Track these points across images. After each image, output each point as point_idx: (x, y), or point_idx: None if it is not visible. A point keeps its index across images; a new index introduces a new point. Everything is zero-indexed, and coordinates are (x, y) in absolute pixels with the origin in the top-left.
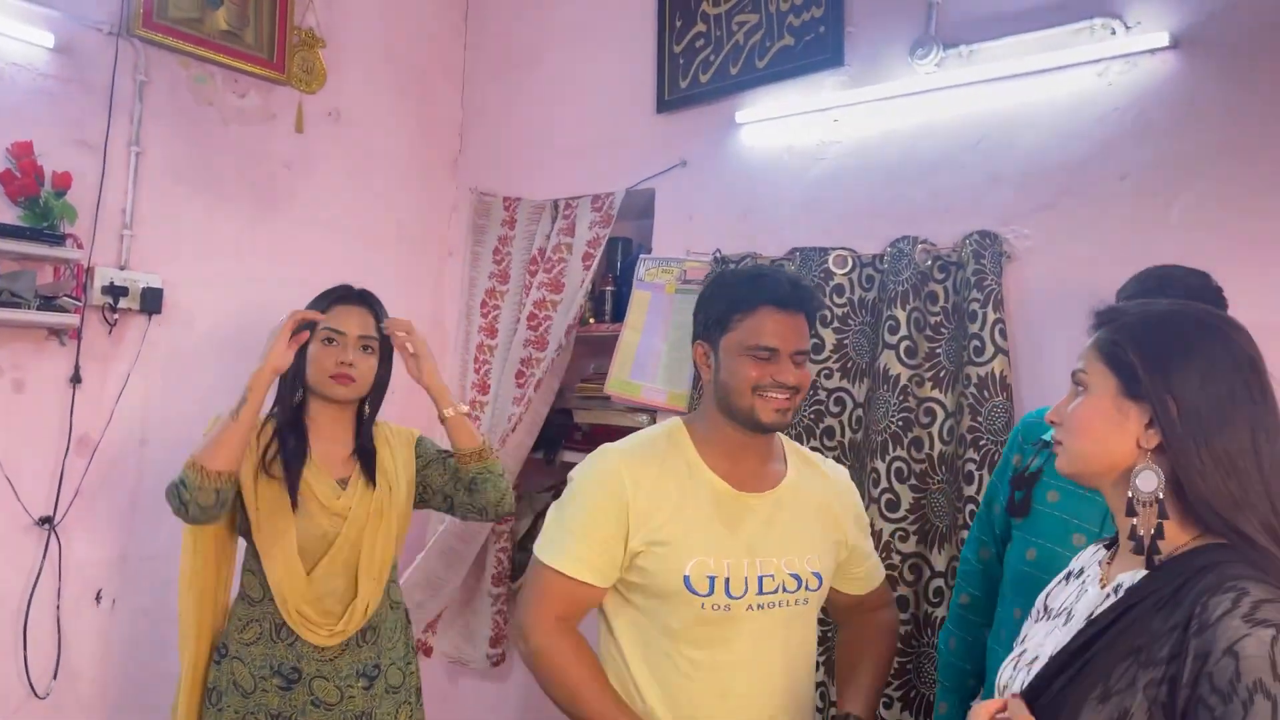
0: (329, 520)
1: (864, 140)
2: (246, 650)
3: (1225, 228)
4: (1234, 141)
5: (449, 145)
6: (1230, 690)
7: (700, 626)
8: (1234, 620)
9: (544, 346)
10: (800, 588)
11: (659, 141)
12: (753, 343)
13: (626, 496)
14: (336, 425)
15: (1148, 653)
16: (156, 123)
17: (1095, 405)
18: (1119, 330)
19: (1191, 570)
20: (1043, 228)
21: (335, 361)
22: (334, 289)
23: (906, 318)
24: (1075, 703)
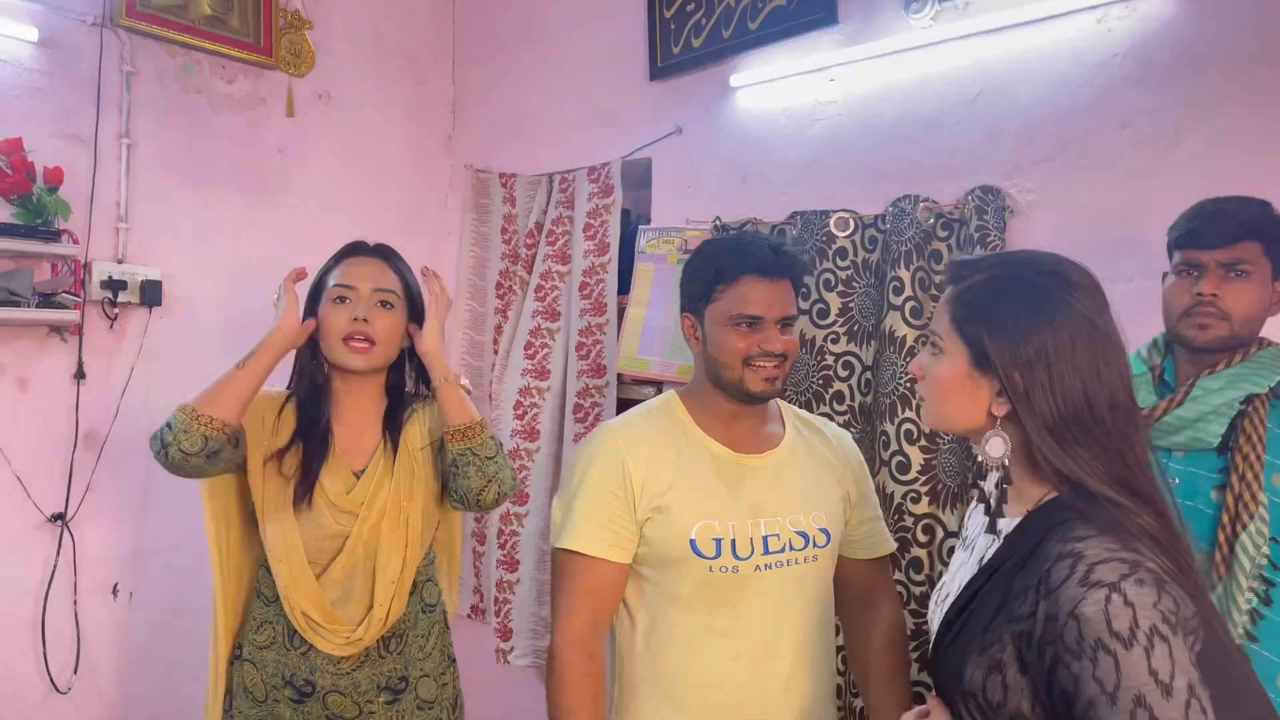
0: (339, 518)
1: (861, 99)
2: (260, 654)
3: (1230, 172)
4: (1236, 84)
5: (442, 123)
6: (1078, 649)
7: (709, 590)
8: (1072, 586)
9: (555, 318)
10: (808, 545)
11: (653, 109)
12: (736, 312)
13: (626, 468)
14: (361, 405)
15: (1010, 609)
16: (146, 113)
17: (950, 373)
18: (967, 301)
19: (1043, 530)
20: (1045, 180)
21: (348, 320)
22: (345, 246)
23: (911, 278)
24: (961, 653)
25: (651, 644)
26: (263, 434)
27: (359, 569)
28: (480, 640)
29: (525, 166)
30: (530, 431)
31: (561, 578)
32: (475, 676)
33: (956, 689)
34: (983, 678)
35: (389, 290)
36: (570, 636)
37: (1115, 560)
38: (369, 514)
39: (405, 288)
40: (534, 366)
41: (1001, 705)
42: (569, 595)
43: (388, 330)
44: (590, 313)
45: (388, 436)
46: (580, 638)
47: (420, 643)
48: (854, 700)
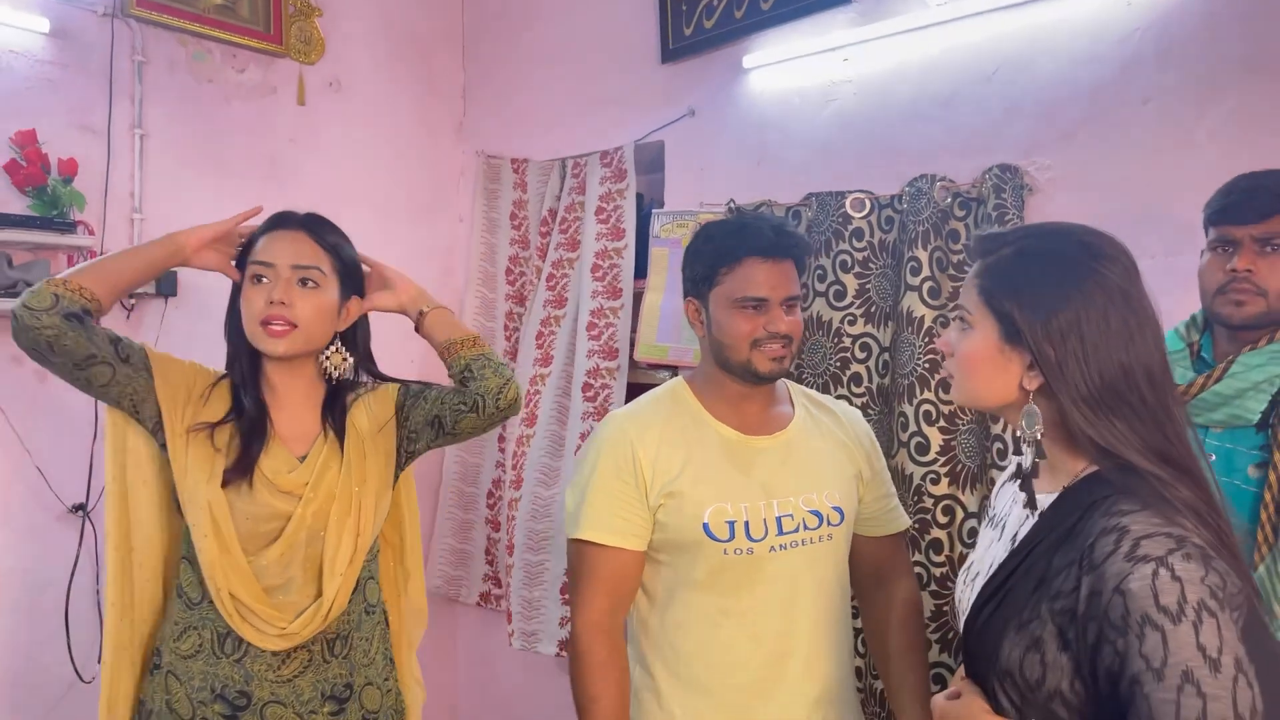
0: (279, 499)
1: (876, 78)
2: (183, 665)
3: (1254, 147)
4: (1259, 57)
5: (452, 109)
6: (1124, 625)
7: (725, 573)
8: (1118, 561)
9: (562, 305)
10: (822, 524)
11: (666, 92)
12: (741, 294)
13: (636, 455)
14: (298, 389)
15: (1050, 585)
16: (158, 103)
17: (980, 347)
18: (996, 274)
19: (1084, 505)
20: (1064, 157)
21: (264, 302)
22: (272, 215)
23: (929, 258)
24: (996, 633)
25: (670, 628)
26: (186, 400)
27: (298, 557)
28: (491, 627)
29: (537, 151)
30: (530, 417)
31: (578, 568)
32: (487, 663)
33: (992, 668)
34: (1020, 656)
35: (311, 267)
36: (590, 623)
37: (1162, 535)
38: (314, 496)
39: (336, 262)
40: (540, 355)
41: (1040, 684)
42: (587, 585)
43: (311, 312)
44: (603, 295)
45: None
46: (600, 624)
47: (364, 646)
48: (874, 682)
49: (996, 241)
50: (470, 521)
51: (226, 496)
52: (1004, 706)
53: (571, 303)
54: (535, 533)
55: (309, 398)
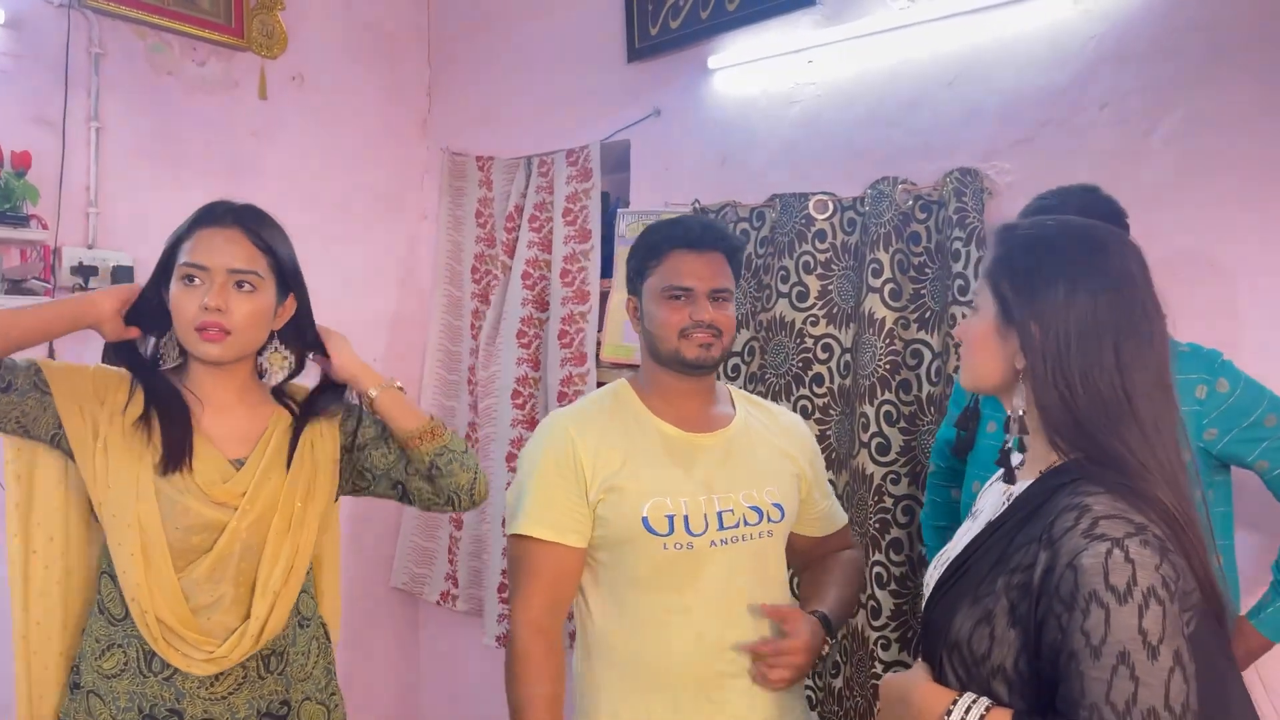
0: (210, 509)
1: (840, 81)
2: (106, 684)
3: (1207, 152)
4: (1213, 66)
5: (417, 105)
6: (1070, 600)
7: (666, 568)
8: (1075, 537)
9: (544, 307)
10: (762, 520)
11: (632, 92)
12: (666, 284)
13: (576, 451)
14: (228, 385)
15: (1009, 560)
16: (115, 96)
17: (981, 327)
18: (1000, 256)
19: (1051, 488)
20: (1023, 161)
21: (198, 308)
22: (201, 208)
23: (890, 260)
24: (952, 606)
25: (612, 629)
26: (99, 406)
27: (230, 573)
28: (452, 626)
29: (503, 149)
30: (530, 421)
31: (517, 565)
32: (448, 660)
33: (943, 641)
34: (971, 628)
35: (248, 272)
36: (528, 622)
37: (1122, 519)
38: (250, 508)
39: (273, 263)
40: (529, 356)
41: (985, 658)
42: (525, 582)
43: (247, 316)
44: (572, 300)
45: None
46: (538, 624)
47: (301, 661)
48: (832, 680)
49: (1009, 231)
50: (436, 519)
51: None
52: (949, 681)
53: (552, 308)
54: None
55: (243, 394)
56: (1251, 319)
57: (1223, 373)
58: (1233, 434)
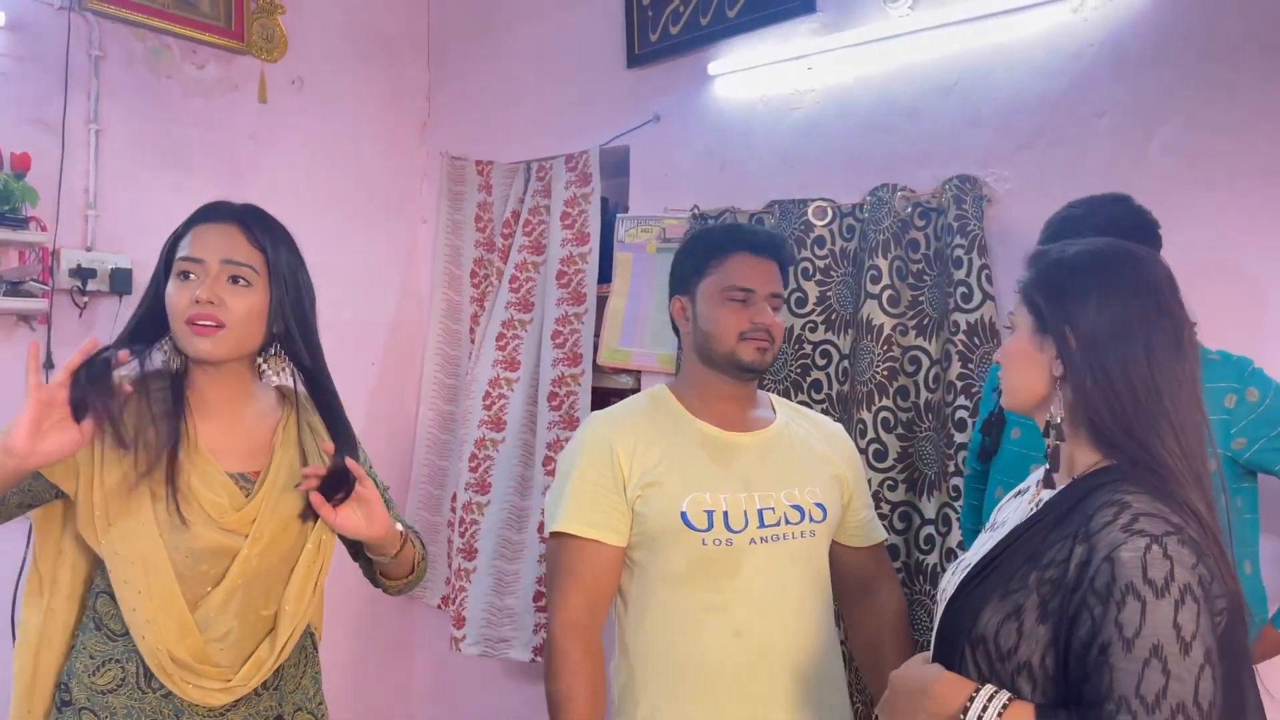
0: (220, 536)
1: (839, 88)
2: (102, 700)
3: (1204, 161)
4: (1211, 74)
5: (417, 110)
6: (1106, 592)
7: (704, 565)
8: (1114, 531)
9: (528, 309)
10: (804, 519)
11: (631, 97)
12: (729, 284)
13: (614, 449)
14: (229, 395)
15: (1042, 556)
16: (115, 98)
17: (1018, 342)
18: (1033, 272)
19: (1089, 488)
20: (1022, 169)
21: (189, 300)
22: (201, 206)
23: (888, 266)
24: (979, 600)
25: (649, 628)
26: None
27: (236, 604)
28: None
29: (502, 154)
30: (497, 422)
31: (556, 563)
32: (444, 665)
33: (966, 634)
34: (999, 622)
35: (242, 265)
36: (566, 621)
37: (1161, 518)
38: (261, 535)
39: (267, 263)
40: (504, 358)
41: (1012, 652)
42: (564, 580)
43: (242, 311)
44: (568, 302)
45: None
46: (577, 622)
47: (293, 674)
48: None
49: (1043, 255)
50: (437, 524)
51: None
52: (970, 675)
53: (538, 309)
54: (512, 542)
55: (244, 405)
56: (1259, 325)
57: (1253, 381)
58: (1261, 443)
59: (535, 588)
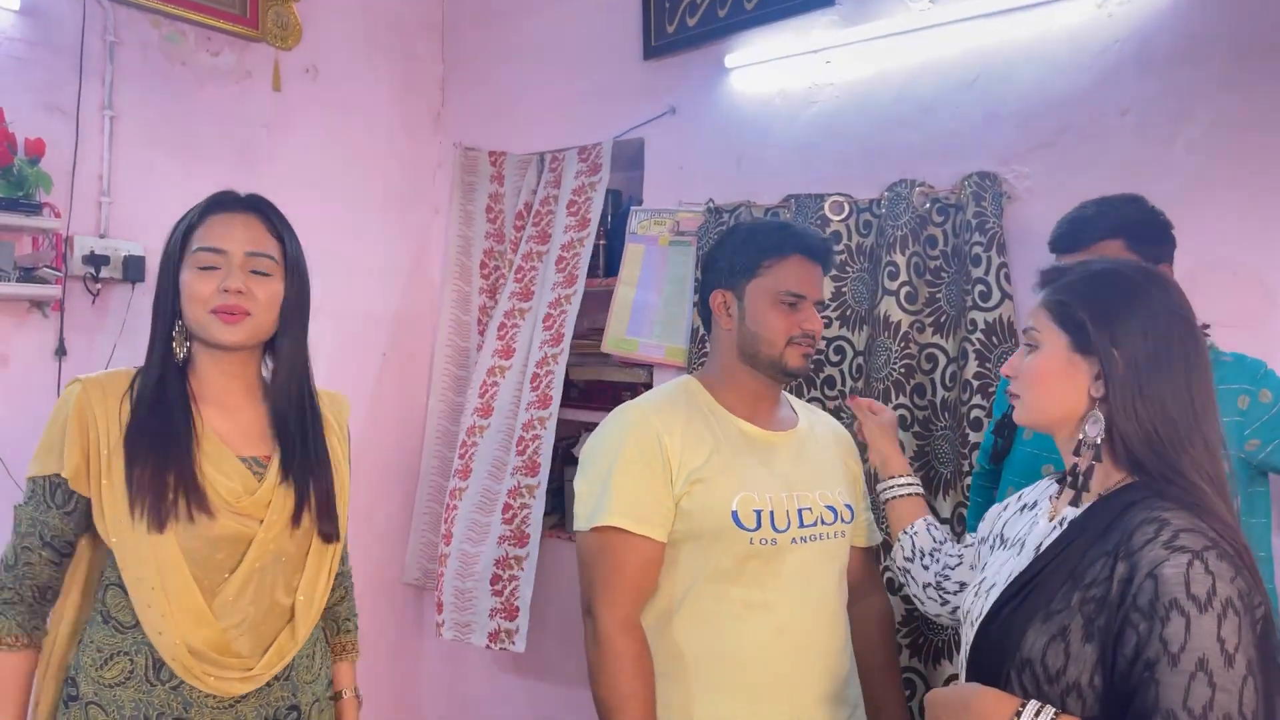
0: (235, 524)
1: (857, 82)
2: (109, 694)
3: (1229, 161)
4: (1236, 72)
5: (431, 100)
6: (1150, 609)
7: (749, 563)
8: (1155, 548)
9: (528, 298)
10: (837, 519)
11: (647, 89)
12: (784, 288)
13: (663, 442)
14: (235, 383)
15: (1082, 576)
16: (129, 85)
17: (1048, 361)
18: (1066, 289)
19: (1122, 505)
20: (1043, 166)
21: (216, 290)
22: (211, 196)
23: (906, 263)
24: (1021, 623)
25: (685, 625)
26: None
27: (255, 591)
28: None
29: (515, 145)
30: (486, 409)
31: (600, 558)
32: (453, 658)
33: (1010, 658)
34: (1045, 644)
35: (265, 256)
36: (618, 620)
37: (1199, 533)
38: (276, 519)
39: (284, 254)
40: (502, 347)
41: (1060, 674)
42: (612, 576)
43: (265, 300)
44: (561, 285)
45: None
46: (629, 620)
47: (307, 664)
48: None
49: (1060, 273)
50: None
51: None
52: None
53: (537, 296)
54: (479, 524)
55: (252, 394)
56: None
57: (1266, 383)
58: (1275, 444)
59: (492, 570)
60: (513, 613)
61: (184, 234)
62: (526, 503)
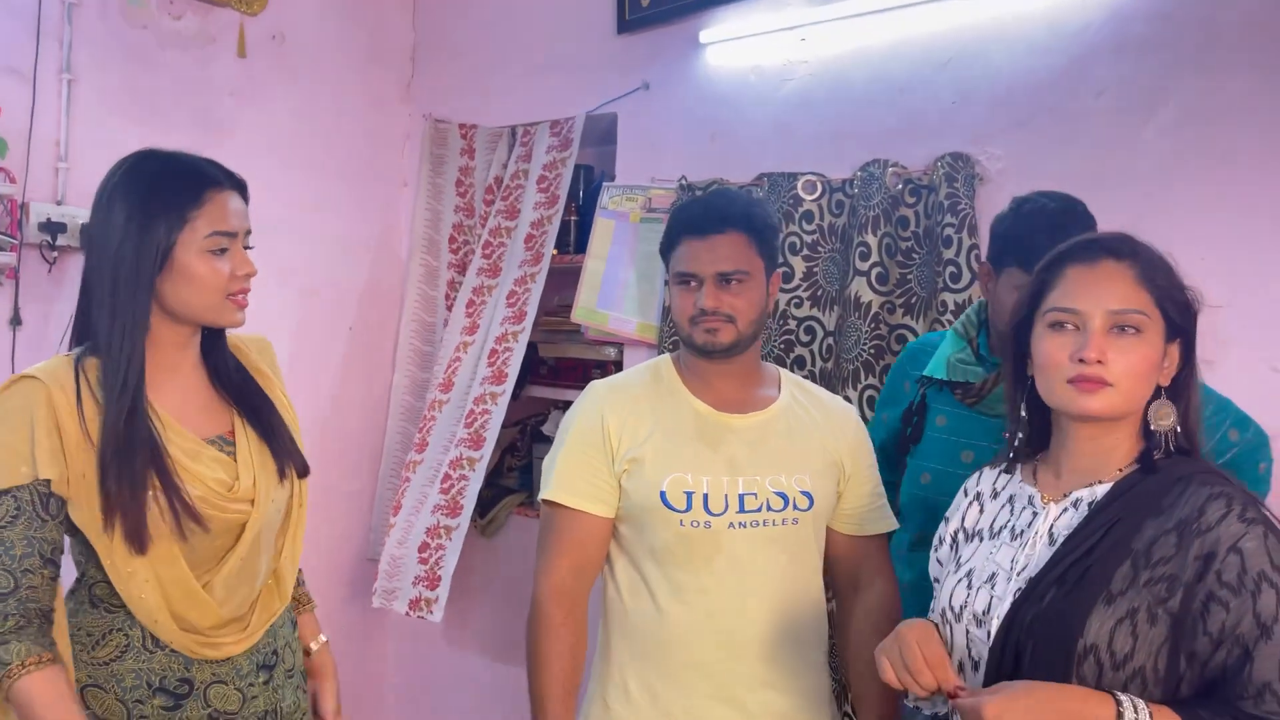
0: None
1: (832, 60)
2: (105, 671)
3: (1202, 144)
4: (1210, 56)
5: (400, 70)
6: (1239, 583)
7: (681, 545)
8: (1232, 523)
9: (496, 274)
10: (787, 506)
11: (620, 64)
12: (676, 270)
13: (605, 421)
14: (187, 353)
15: (1146, 556)
16: (88, 48)
17: (1154, 349)
18: (1158, 270)
19: (1170, 480)
20: (1015, 147)
21: (233, 275)
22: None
23: (878, 243)
24: (1081, 609)
25: (628, 601)
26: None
27: (247, 572)
28: None
29: (487, 118)
30: (448, 384)
31: (544, 530)
32: (417, 639)
33: (1070, 647)
34: (1112, 629)
35: (249, 231)
36: (550, 587)
37: (1260, 505)
38: (264, 496)
39: None
40: (469, 323)
41: (1128, 658)
42: (551, 546)
43: (253, 275)
44: (529, 263)
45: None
46: (561, 589)
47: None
48: None
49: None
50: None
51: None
52: None
53: (505, 273)
54: (425, 496)
55: (196, 361)
56: (1248, 312)
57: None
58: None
59: (421, 538)
60: (434, 582)
61: (181, 212)
62: (466, 474)
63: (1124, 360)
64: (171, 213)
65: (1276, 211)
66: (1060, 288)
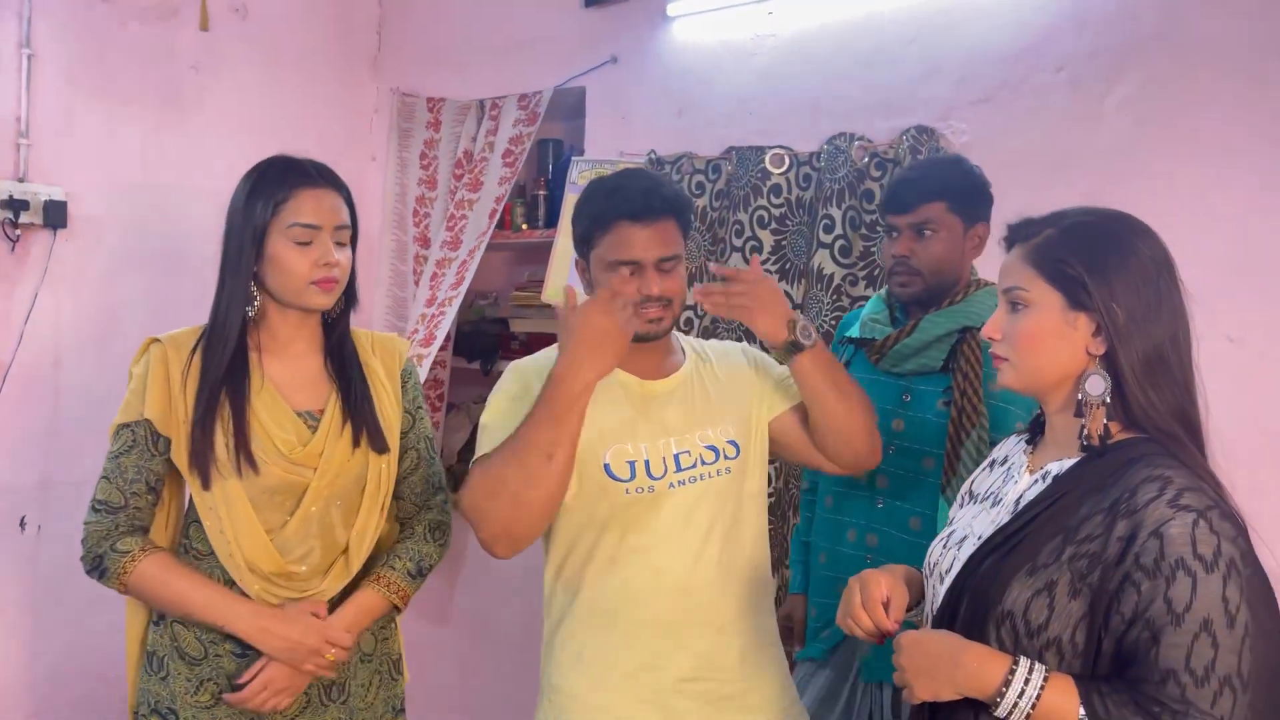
0: (289, 474)
1: (800, 34)
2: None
3: (1161, 119)
4: (1170, 32)
5: (367, 43)
6: (1155, 567)
7: (627, 511)
8: (1160, 507)
9: (457, 247)
10: (718, 458)
11: (588, 37)
12: (614, 258)
13: (532, 391)
14: (300, 333)
15: (1075, 532)
16: (48, 22)
17: (1042, 321)
18: (1053, 244)
19: (1121, 461)
20: (979, 122)
21: (315, 264)
22: (280, 166)
23: (842, 216)
24: (1005, 576)
25: (575, 566)
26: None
27: (315, 529)
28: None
29: (455, 92)
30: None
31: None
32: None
33: (990, 610)
34: (1029, 598)
35: (346, 227)
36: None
37: (1201, 493)
38: (328, 467)
39: (353, 224)
40: (430, 295)
41: (1041, 629)
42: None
43: (347, 266)
44: (484, 235)
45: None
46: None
47: (362, 693)
48: None
49: (1036, 225)
50: None
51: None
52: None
53: (464, 246)
54: None
55: (312, 343)
56: (1206, 286)
57: None
58: None
59: None
60: None
61: (269, 204)
62: None
63: (1017, 333)
64: (266, 201)
65: (1234, 183)
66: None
